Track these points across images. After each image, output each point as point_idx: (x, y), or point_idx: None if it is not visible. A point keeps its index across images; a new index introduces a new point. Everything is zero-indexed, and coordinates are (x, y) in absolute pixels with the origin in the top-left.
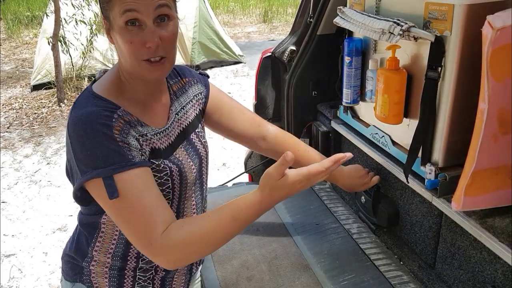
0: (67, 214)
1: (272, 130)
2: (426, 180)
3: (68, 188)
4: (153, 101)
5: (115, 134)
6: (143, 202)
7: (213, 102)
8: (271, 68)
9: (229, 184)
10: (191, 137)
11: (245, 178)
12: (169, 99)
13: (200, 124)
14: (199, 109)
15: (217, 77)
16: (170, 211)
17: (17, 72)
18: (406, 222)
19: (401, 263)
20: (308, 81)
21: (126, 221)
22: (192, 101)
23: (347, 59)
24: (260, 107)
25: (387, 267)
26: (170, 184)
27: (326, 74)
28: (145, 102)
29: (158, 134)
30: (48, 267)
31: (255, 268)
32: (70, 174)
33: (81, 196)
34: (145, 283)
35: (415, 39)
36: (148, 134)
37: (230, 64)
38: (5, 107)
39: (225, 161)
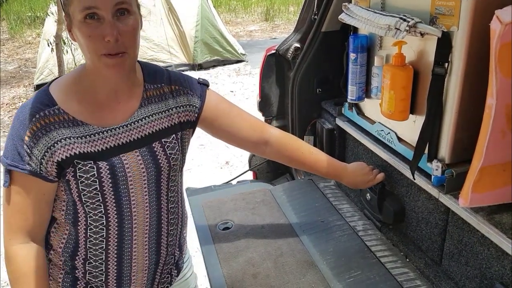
0: None
1: (275, 133)
2: (432, 177)
3: None
4: (114, 101)
5: (26, 136)
6: (20, 206)
7: (211, 112)
8: (275, 66)
9: (234, 182)
10: (154, 145)
11: (250, 176)
12: (138, 103)
13: (174, 135)
14: (183, 120)
15: (220, 75)
16: (40, 229)
17: (20, 72)
18: (412, 219)
19: (407, 260)
20: (312, 78)
21: (5, 210)
22: (168, 111)
23: (352, 56)
24: (264, 105)
25: (393, 264)
26: (97, 185)
27: (330, 71)
28: (101, 101)
29: (101, 133)
30: None
31: (261, 265)
32: None
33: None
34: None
35: (422, 35)
36: (75, 136)
37: (233, 63)
38: (9, 107)
39: (228, 160)
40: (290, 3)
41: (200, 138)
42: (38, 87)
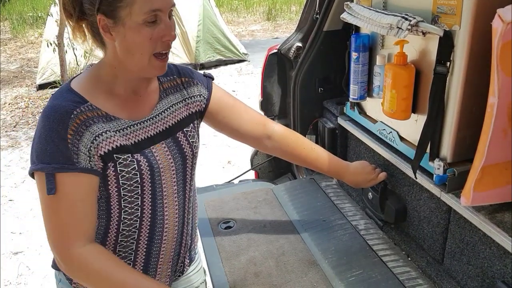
0: None
1: (277, 129)
2: (434, 176)
3: None
4: (137, 95)
5: (68, 134)
6: (73, 209)
7: (216, 104)
8: (277, 65)
9: (236, 181)
10: (177, 135)
11: (251, 175)
12: (158, 96)
13: (192, 124)
14: (196, 110)
15: (222, 75)
16: (94, 228)
17: (22, 71)
18: (413, 218)
19: (409, 259)
20: (314, 77)
21: (53, 219)
22: (185, 101)
23: (354, 55)
24: (266, 104)
25: (395, 263)
26: (138, 178)
27: (332, 70)
28: (125, 97)
29: (132, 127)
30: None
31: (263, 264)
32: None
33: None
34: None
35: (424, 34)
36: (112, 130)
37: (235, 63)
38: (11, 106)
39: (230, 159)
40: (292, 2)
41: (202, 138)
42: (40, 87)
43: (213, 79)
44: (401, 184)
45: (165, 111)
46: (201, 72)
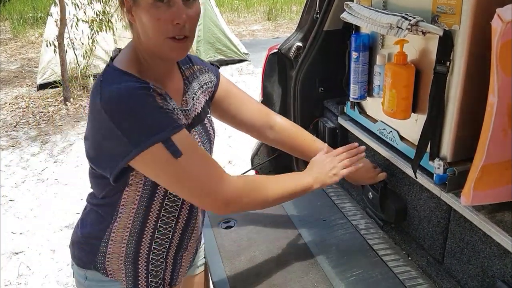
0: (74, 212)
1: (279, 120)
2: (434, 175)
3: (76, 186)
4: (169, 82)
5: (158, 102)
6: (202, 153)
7: (222, 91)
8: (277, 65)
9: None
10: (205, 121)
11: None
12: (182, 83)
13: (209, 110)
14: (208, 97)
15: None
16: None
17: (23, 71)
18: (414, 217)
19: (409, 258)
20: (314, 77)
21: (196, 173)
22: (202, 88)
23: (354, 55)
24: (266, 104)
25: (395, 262)
26: None
27: (332, 70)
28: (164, 82)
29: (178, 110)
30: (56, 265)
31: (263, 263)
32: (96, 157)
33: (118, 175)
34: (159, 262)
35: (423, 33)
36: (175, 109)
37: (235, 62)
38: (12, 106)
39: (230, 159)
40: (293, 2)
41: None
42: (40, 86)
43: (219, 67)
44: (401, 183)
45: (193, 99)
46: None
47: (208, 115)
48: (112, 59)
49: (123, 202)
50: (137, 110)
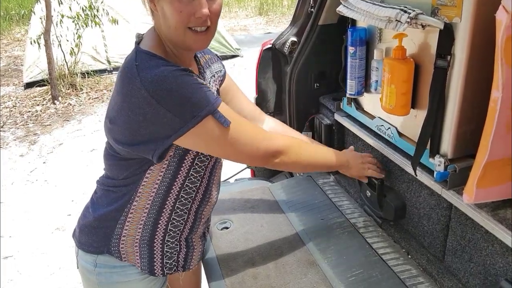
0: (65, 214)
1: (270, 118)
2: (435, 173)
3: (66, 187)
4: (194, 68)
5: (199, 81)
6: (244, 119)
7: (227, 85)
8: (271, 61)
9: (231, 180)
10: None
11: (248, 173)
12: (198, 72)
13: (220, 98)
14: (218, 86)
15: None
16: None
17: (9, 69)
18: (413, 215)
19: (409, 257)
20: (310, 73)
21: (249, 137)
22: (214, 77)
23: (351, 49)
24: (261, 101)
25: (395, 261)
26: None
27: (328, 65)
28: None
29: None
30: (48, 268)
31: (261, 265)
32: (133, 140)
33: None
34: (173, 244)
35: (423, 27)
36: None
37: (228, 58)
38: None
39: None
40: None
41: None
42: (28, 85)
43: (220, 58)
44: (400, 180)
45: (208, 85)
46: None
47: None
48: (137, 43)
49: (144, 182)
50: (183, 90)
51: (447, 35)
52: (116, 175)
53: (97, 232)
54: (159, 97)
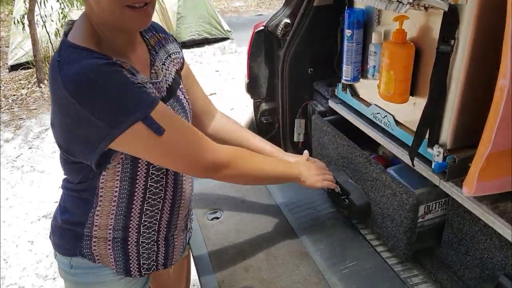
0: (52, 201)
1: (224, 118)
2: (433, 163)
3: (53, 173)
4: (133, 54)
5: (128, 77)
6: (184, 123)
7: (186, 69)
8: (264, 44)
9: None
10: (178, 93)
11: None
12: (148, 54)
13: (181, 81)
14: (179, 67)
15: (204, 54)
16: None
17: None
18: (377, 215)
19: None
20: (304, 57)
21: (181, 148)
22: (170, 57)
23: (347, 32)
24: (253, 86)
25: (389, 253)
26: None
27: (323, 49)
28: (127, 54)
29: (149, 84)
30: (35, 256)
31: (252, 257)
32: (70, 145)
33: (99, 160)
34: (150, 245)
35: (426, 8)
36: (146, 83)
37: (218, 41)
38: None
39: None
40: None
41: None
42: (12, 67)
43: (176, 41)
44: (364, 178)
45: (162, 69)
46: None
47: (180, 86)
48: (66, 33)
49: (102, 185)
50: (107, 90)
51: (451, 18)
52: (72, 179)
53: (67, 235)
54: (80, 98)
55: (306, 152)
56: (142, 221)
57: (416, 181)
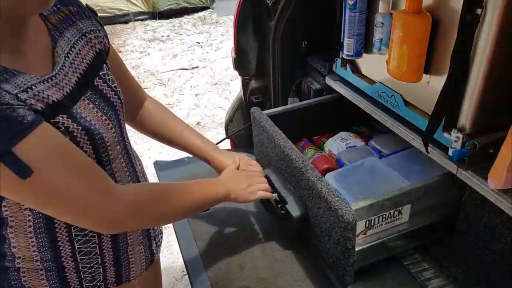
0: None
1: (152, 105)
2: (451, 150)
3: None
4: (24, 43)
5: None
6: (71, 158)
7: (112, 51)
8: (252, 14)
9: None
10: (96, 83)
11: (227, 144)
12: (48, 37)
13: (105, 65)
14: (99, 48)
15: (184, 25)
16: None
17: None
18: (316, 228)
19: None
20: (297, 29)
21: (59, 195)
22: (86, 36)
23: (350, 0)
24: (241, 62)
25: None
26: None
27: (319, 20)
28: (15, 46)
29: (41, 84)
30: None
31: (247, 253)
32: None
33: None
34: (93, 269)
35: None
36: (31, 85)
37: (197, 11)
38: None
39: (199, 120)
40: None
41: (167, 97)
42: None
43: (97, 15)
44: (300, 187)
45: (69, 54)
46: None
47: (101, 73)
48: None
49: (8, 215)
50: None
51: None
52: None
53: None
54: None
55: (231, 164)
56: (76, 249)
57: (358, 189)
